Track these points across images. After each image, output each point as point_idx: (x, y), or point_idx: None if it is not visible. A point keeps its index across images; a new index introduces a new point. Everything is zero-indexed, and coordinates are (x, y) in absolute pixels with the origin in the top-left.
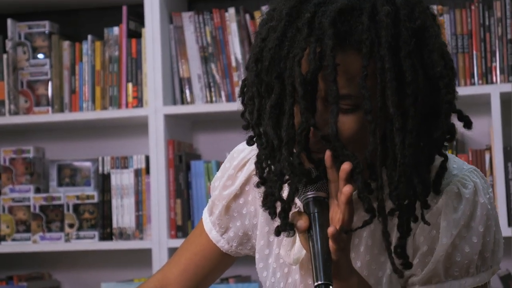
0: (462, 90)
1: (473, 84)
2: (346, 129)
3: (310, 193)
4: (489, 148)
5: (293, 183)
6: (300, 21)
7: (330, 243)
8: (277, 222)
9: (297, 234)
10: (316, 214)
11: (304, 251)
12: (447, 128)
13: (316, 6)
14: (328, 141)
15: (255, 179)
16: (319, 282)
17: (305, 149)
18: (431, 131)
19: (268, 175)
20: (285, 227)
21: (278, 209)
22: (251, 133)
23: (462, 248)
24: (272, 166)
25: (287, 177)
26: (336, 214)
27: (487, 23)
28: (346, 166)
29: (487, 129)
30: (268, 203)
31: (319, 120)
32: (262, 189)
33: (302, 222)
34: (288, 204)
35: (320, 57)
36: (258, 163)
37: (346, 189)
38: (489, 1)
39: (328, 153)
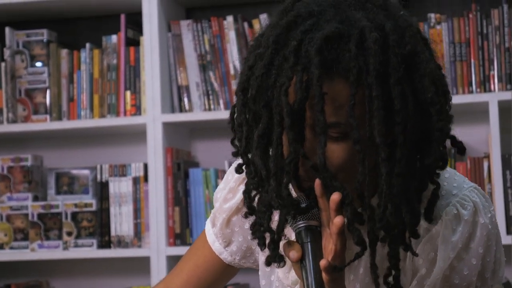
0: (460, 98)
1: (471, 92)
2: (336, 157)
3: (301, 222)
4: (487, 156)
5: (282, 215)
6: (287, 49)
7: (323, 274)
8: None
9: None
10: (308, 244)
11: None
12: (439, 155)
13: (303, 34)
14: (318, 171)
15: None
16: None
17: (294, 178)
18: (422, 157)
19: (257, 205)
20: (275, 259)
21: (268, 240)
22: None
23: (461, 271)
24: (261, 196)
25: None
26: (329, 243)
27: (485, 31)
28: (335, 197)
29: (485, 137)
30: (257, 233)
31: (309, 148)
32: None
33: (294, 253)
34: (277, 235)
35: (307, 86)
36: (247, 193)
37: (337, 220)
38: (487, 10)
39: (317, 182)
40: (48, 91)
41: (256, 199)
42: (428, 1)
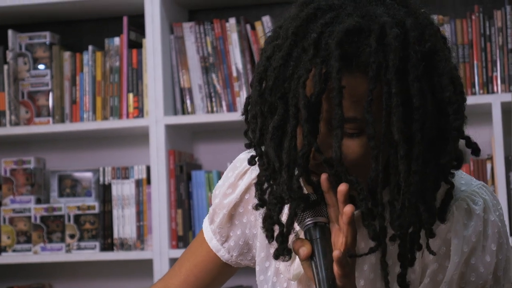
0: None
1: (474, 93)
2: (350, 153)
3: (310, 219)
4: (490, 158)
5: (292, 207)
6: (306, 41)
7: (335, 268)
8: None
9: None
10: (318, 240)
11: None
12: (454, 155)
13: (323, 26)
14: (330, 165)
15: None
16: None
17: (304, 172)
18: (438, 157)
19: (268, 197)
20: (283, 252)
21: (276, 233)
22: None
23: (477, 268)
24: (272, 188)
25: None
26: (339, 238)
27: (487, 32)
28: (342, 188)
29: (488, 139)
30: (267, 226)
31: (322, 143)
32: (262, 211)
33: (304, 250)
34: (287, 228)
35: (325, 79)
36: (258, 185)
37: (347, 209)
38: (490, 11)
39: (323, 177)
40: (50, 94)
41: (267, 192)
42: (431, 2)
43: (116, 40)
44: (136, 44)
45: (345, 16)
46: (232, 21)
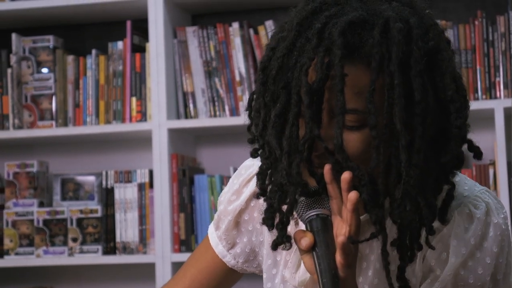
0: None
1: (477, 99)
2: (350, 146)
3: (313, 211)
4: (493, 163)
5: (291, 194)
6: (310, 31)
7: (338, 258)
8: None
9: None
10: (320, 231)
11: (309, 274)
12: (456, 154)
13: (327, 18)
14: (331, 154)
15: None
16: None
17: (307, 162)
18: (439, 156)
19: (270, 186)
20: (282, 239)
21: (277, 221)
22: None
23: (475, 270)
24: (273, 177)
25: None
26: (342, 229)
27: (490, 38)
28: (346, 175)
29: (491, 144)
30: (268, 214)
31: (323, 133)
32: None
33: (306, 240)
34: (286, 215)
35: (328, 67)
36: (260, 174)
37: (352, 195)
38: (493, 16)
39: (327, 168)
40: (54, 97)
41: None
42: (434, 8)
43: (120, 44)
44: (139, 48)
45: (350, 9)
46: (235, 25)
